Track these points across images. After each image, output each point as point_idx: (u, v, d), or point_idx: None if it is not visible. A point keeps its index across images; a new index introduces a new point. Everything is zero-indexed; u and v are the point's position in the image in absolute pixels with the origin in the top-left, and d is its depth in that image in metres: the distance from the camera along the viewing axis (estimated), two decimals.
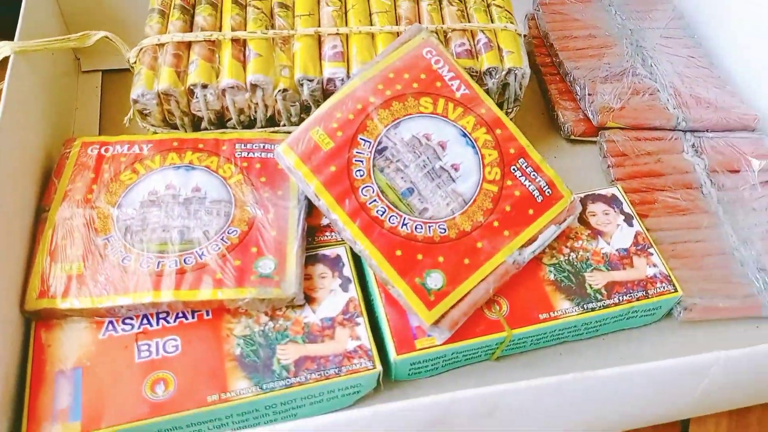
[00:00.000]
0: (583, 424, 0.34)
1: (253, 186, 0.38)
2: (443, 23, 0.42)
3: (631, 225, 0.39)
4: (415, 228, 0.35)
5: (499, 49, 0.42)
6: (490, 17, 0.43)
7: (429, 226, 0.35)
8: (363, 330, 0.34)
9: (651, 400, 0.33)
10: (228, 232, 0.36)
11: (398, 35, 0.41)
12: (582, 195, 0.40)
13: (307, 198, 0.38)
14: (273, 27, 0.41)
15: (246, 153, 0.40)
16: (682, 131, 0.46)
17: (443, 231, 0.35)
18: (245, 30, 0.41)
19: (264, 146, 0.40)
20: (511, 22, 0.43)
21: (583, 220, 0.39)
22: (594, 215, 0.40)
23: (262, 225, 0.36)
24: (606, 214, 0.40)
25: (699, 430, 0.37)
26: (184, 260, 0.34)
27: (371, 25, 0.42)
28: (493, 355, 0.36)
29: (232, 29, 0.41)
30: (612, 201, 0.40)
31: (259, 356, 0.33)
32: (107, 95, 0.48)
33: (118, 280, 0.33)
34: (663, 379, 0.31)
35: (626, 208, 0.40)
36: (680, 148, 0.45)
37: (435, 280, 0.34)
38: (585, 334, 0.37)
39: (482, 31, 0.42)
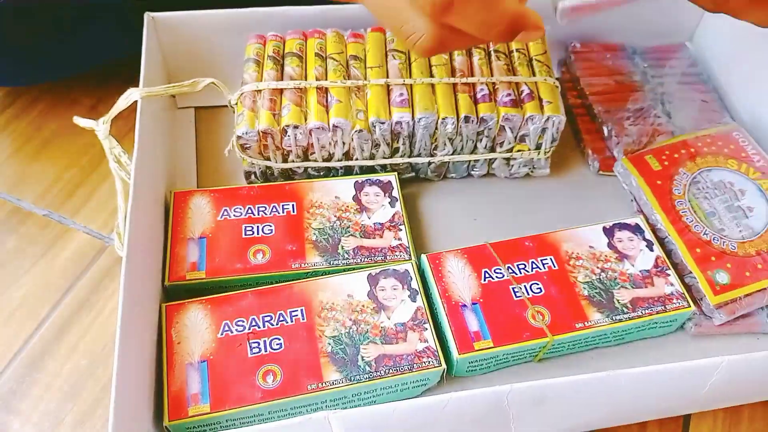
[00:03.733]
0: (608, 414, 0.41)
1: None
2: (492, 76, 0.50)
3: (652, 250, 0.46)
4: (713, 239, 0.46)
5: (540, 99, 0.49)
6: (532, 71, 0.51)
7: (723, 241, 0.46)
8: (429, 334, 0.41)
9: (664, 396, 0.40)
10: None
11: (453, 86, 0.49)
12: (610, 224, 0.48)
13: None
14: (349, 77, 0.49)
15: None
16: None
17: (733, 248, 0.46)
18: (326, 79, 0.48)
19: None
20: (550, 76, 0.50)
21: (611, 245, 0.46)
22: (621, 241, 0.47)
23: None
24: (631, 240, 0.47)
25: (699, 422, 0.44)
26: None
27: (431, 76, 0.49)
28: (536, 357, 0.43)
29: (316, 79, 0.48)
30: (636, 229, 0.47)
31: (346, 353, 0.40)
32: (199, 127, 0.57)
33: None
34: (676, 379, 0.38)
35: (647, 236, 0.47)
36: None
37: (722, 277, 0.44)
38: (613, 341, 0.45)
39: (525, 83, 0.50)
